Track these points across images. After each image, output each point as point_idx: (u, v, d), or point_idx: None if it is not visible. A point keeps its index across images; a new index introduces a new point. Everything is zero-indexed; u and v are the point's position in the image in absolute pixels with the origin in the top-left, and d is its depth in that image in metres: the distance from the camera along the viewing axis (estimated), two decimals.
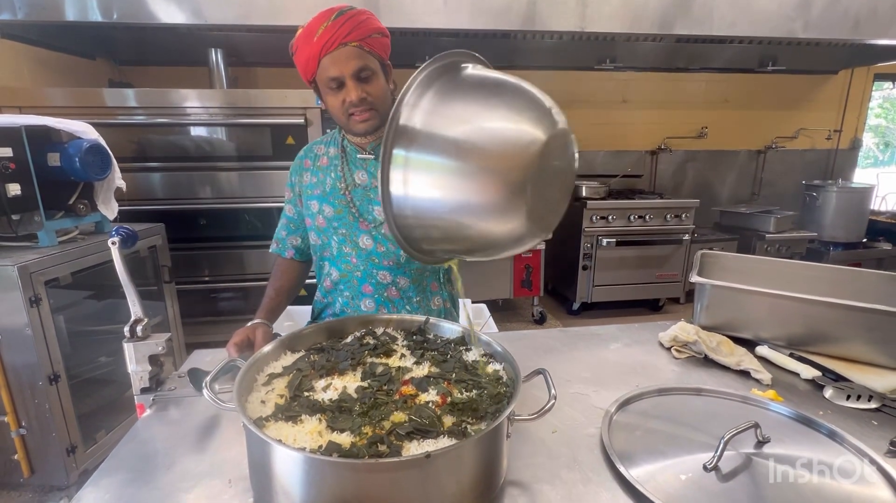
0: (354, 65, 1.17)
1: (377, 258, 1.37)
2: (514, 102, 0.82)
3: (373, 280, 1.37)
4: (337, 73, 1.17)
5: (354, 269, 1.38)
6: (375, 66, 1.21)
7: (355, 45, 1.16)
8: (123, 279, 1.04)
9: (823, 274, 1.51)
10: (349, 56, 1.16)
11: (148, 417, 1.03)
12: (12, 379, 2.01)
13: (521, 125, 0.79)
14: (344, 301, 1.41)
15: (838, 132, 5.00)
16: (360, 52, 1.17)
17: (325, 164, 1.40)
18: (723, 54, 4.10)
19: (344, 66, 1.16)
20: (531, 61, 4.24)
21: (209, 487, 0.81)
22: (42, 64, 3.10)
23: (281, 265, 1.52)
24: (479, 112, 0.82)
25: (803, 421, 0.97)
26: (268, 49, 3.59)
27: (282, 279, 1.48)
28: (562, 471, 0.86)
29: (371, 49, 1.19)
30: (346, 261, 1.39)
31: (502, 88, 0.84)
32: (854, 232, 4.43)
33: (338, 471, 0.66)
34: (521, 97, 0.82)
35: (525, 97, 0.82)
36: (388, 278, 1.38)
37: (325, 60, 1.17)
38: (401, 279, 1.39)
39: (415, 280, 1.41)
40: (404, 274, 1.39)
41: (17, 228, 2.06)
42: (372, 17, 1.21)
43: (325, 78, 1.19)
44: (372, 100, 1.21)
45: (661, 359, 1.30)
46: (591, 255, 4.01)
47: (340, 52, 1.16)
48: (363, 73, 1.18)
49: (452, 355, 0.98)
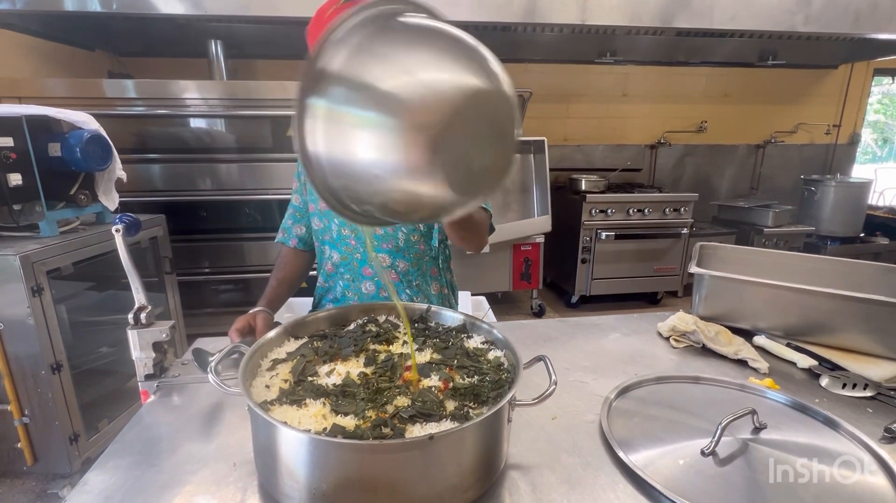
0: None
1: (376, 241, 1.38)
2: (445, 54, 0.70)
3: (373, 264, 1.39)
4: None
5: (354, 251, 1.40)
6: None
7: None
8: (127, 266, 1.05)
9: (821, 265, 1.52)
10: None
11: (152, 403, 1.05)
12: (15, 368, 2.02)
13: (445, 77, 0.67)
14: (345, 284, 1.43)
15: (837, 127, 5.01)
16: None
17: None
18: (723, 48, 4.10)
19: None
20: (531, 54, 4.24)
21: (214, 471, 0.82)
22: (42, 55, 3.09)
23: (285, 256, 1.53)
24: (401, 60, 0.69)
25: (799, 408, 0.98)
26: (267, 41, 3.58)
27: (285, 270, 1.49)
28: (562, 456, 0.87)
29: None
30: (346, 243, 1.40)
31: (437, 38, 0.72)
32: (851, 226, 4.45)
33: (342, 453, 0.67)
34: (455, 50, 0.70)
35: (460, 51, 0.70)
36: (388, 261, 1.40)
37: None
38: (400, 262, 1.40)
39: (414, 264, 1.42)
40: (403, 257, 1.41)
41: (18, 218, 2.06)
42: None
43: None
44: None
45: (659, 348, 1.32)
46: (590, 249, 4.02)
47: None
48: None
49: (454, 342, 0.99)
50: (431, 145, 0.63)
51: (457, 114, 0.64)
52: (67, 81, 2.88)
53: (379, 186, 0.67)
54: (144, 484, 0.80)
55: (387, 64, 0.67)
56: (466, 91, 0.65)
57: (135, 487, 0.79)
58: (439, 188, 0.67)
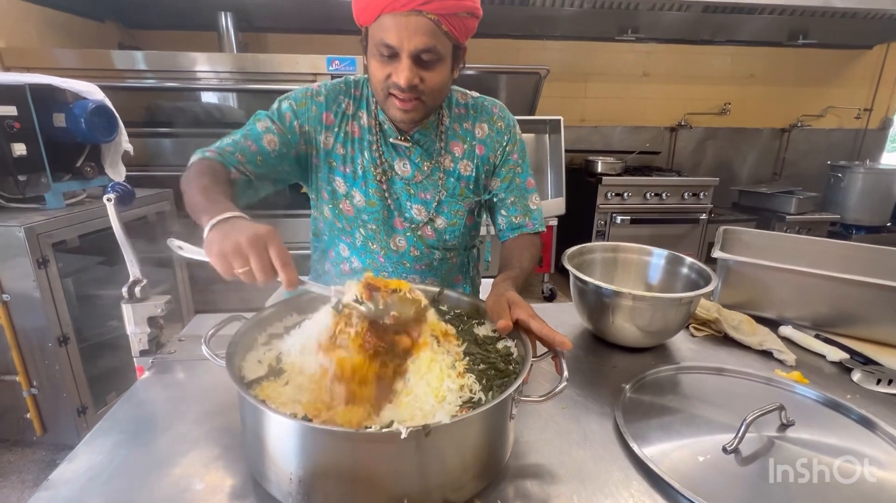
0: (420, 42, 0.93)
1: (409, 262, 1.24)
2: None
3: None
4: (395, 41, 0.93)
5: (381, 269, 1.24)
6: (445, 50, 0.98)
7: (432, 17, 0.92)
8: (120, 238, 1.00)
9: (850, 252, 1.44)
10: (418, 29, 0.92)
11: (146, 380, 1.01)
12: (22, 340, 2.02)
13: None
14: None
15: (868, 111, 4.80)
16: (433, 28, 0.93)
17: (357, 136, 1.15)
18: (751, 26, 3.91)
19: (407, 38, 0.92)
20: (550, 30, 4.09)
21: (204, 452, 0.78)
22: (50, 25, 3.04)
23: (220, 173, 1.02)
24: None
25: (831, 405, 0.91)
26: (278, 13, 3.50)
27: (220, 183, 0.99)
28: (572, 449, 0.82)
29: (449, 29, 0.95)
30: (372, 257, 1.24)
31: None
32: (879, 215, 4.28)
33: (325, 438, 0.62)
34: None
35: None
36: (418, 280, 1.27)
37: (387, 19, 0.92)
38: (429, 279, 1.29)
39: (444, 279, 1.32)
40: (435, 275, 1.30)
41: (24, 189, 2.04)
42: None
43: (379, 39, 0.94)
44: (424, 88, 0.99)
45: (678, 336, 1.24)
46: (605, 233, 3.93)
47: (409, 20, 0.91)
48: (426, 55, 0.95)
49: (464, 328, 0.93)
50: None
51: None
52: (76, 52, 2.83)
53: None
54: (131, 464, 0.76)
55: None
56: None
57: (121, 467, 0.75)
58: None
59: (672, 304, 1.08)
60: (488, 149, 1.21)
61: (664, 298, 1.08)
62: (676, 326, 1.13)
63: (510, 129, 1.23)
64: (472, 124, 1.21)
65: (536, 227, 1.26)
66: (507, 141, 1.22)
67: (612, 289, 1.08)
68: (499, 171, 1.23)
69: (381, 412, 0.69)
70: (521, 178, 1.25)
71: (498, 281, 1.01)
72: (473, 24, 1.01)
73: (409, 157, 1.17)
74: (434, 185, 1.19)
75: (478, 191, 1.24)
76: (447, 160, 1.19)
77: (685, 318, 1.12)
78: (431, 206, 1.21)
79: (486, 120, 1.21)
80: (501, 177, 1.23)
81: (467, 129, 1.20)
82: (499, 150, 1.22)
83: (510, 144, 1.23)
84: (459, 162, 1.20)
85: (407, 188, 1.19)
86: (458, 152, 1.20)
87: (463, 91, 1.24)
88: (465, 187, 1.22)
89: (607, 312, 1.11)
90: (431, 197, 1.20)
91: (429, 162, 1.18)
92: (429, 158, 1.18)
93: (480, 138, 1.21)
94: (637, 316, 1.09)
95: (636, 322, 1.10)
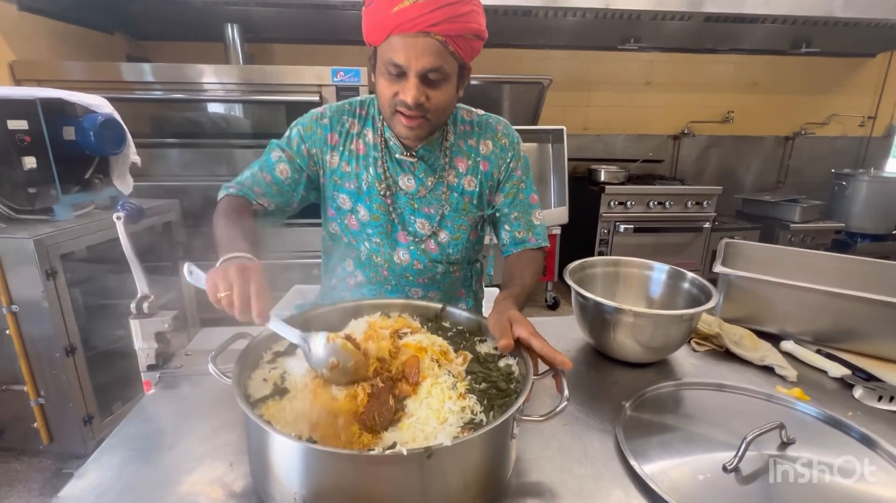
0: (427, 62, 0.96)
1: (412, 275, 1.26)
2: None
3: (403, 295, 1.28)
4: (403, 61, 0.96)
5: (384, 282, 1.27)
6: (451, 70, 1.01)
7: (439, 38, 0.95)
8: (129, 255, 1.02)
9: (854, 266, 1.44)
10: (426, 49, 0.95)
11: (153, 395, 1.03)
12: (31, 350, 2.04)
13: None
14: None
15: (872, 119, 4.79)
16: (440, 48, 0.96)
17: (362, 153, 1.19)
18: (754, 35, 3.92)
19: (415, 58, 0.96)
20: (553, 40, 4.11)
21: (210, 469, 0.80)
22: (60, 37, 3.09)
23: (243, 207, 1.15)
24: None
25: (832, 422, 0.92)
26: (284, 25, 3.54)
27: (243, 218, 1.11)
28: (573, 466, 0.83)
29: (456, 50, 0.98)
30: (376, 271, 1.26)
31: None
32: (884, 223, 4.27)
33: (328, 460, 0.63)
34: None
35: None
36: (420, 293, 1.29)
37: (396, 40, 0.96)
38: (432, 293, 1.31)
39: (446, 293, 1.33)
40: (438, 289, 1.31)
41: (33, 202, 2.07)
42: (476, 11, 0.99)
43: (388, 58, 0.98)
44: (430, 106, 1.02)
45: (679, 351, 1.25)
46: (608, 241, 3.93)
47: (417, 41, 0.95)
48: (433, 74, 0.99)
49: (465, 346, 0.94)
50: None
51: None
52: (85, 65, 2.87)
53: None
54: (139, 481, 0.77)
55: None
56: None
57: (129, 484, 0.76)
58: None
59: (673, 321, 1.09)
60: (492, 165, 1.23)
61: (665, 315, 1.09)
62: (677, 342, 1.14)
63: (514, 146, 1.25)
64: (476, 141, 1.23)
65: (539, 243, 1.27)
66: (511, 157, 1.24)
67: (613, 305, 1.09)
68: (502, 187, 1.25)
69: (384, 434, 0.71)
70: (524, 193, 1.27)
71: (500, 298, 1.02)
72: (479, 46, 1.04)
73: (414, 173, 1.20)
74: (437, 199, 1.21)
75: (481, 206, 1.26)
76: (451, 175, 1.21)
77: (686, 335, 1.13)
78: (435, 219, 1.22)
79: (491, 137, 1.23)
80: (505, 192, 1.25)
81: (472, 146, 1.22)
82: (502, 166, 1.24)
83: (514, 161, 1.24)
84: (463, 177, 1.22)
85: (411, 202, 1.21)
86: (462, 168, 1.21)
87: (468, 109, 1.26)
88: (469, 202, 1.23)
89: (608, 328, 1.12)
90: (435, 211, 1.22)
91: (433, 177, 1.20)
92: (433, 174, 1.20)
93: (485, 154, 1.23)
94: (638, 332, 1.10)
95: (637, 338, 1.11)
